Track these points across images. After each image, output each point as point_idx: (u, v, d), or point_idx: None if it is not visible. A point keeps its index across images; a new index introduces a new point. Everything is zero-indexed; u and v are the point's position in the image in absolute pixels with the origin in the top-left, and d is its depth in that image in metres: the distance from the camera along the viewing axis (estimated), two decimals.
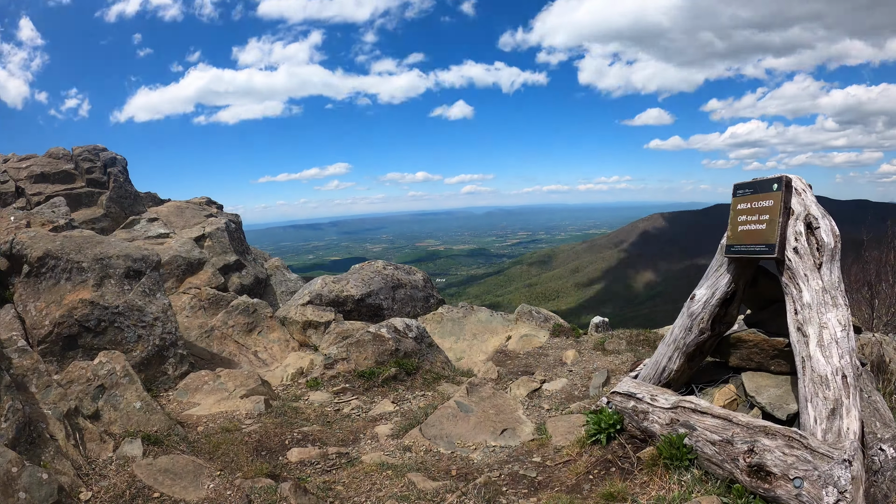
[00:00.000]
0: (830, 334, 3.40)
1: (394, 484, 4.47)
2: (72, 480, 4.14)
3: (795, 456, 3.07)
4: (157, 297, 7.93)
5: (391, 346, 8.22)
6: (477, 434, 5.63)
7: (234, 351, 9.44)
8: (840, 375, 3.25)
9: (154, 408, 5.58)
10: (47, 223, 9.46)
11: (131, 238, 12.41)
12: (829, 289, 3.54)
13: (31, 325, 7.00)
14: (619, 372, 7.71)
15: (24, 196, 12.66)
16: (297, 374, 8.29)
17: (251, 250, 15.77)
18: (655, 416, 4.06)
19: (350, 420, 6.49)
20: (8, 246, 7.67)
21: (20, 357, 5.22)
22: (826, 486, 2.87)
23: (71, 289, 7.42)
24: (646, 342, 9.39)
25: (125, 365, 5.88)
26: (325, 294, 11.42)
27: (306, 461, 5.17)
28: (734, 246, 4.14)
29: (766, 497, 3.15)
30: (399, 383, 7.66)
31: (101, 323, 7.26)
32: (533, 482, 4.19)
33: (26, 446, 4.13)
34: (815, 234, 3.71)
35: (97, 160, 14.94)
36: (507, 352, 10.04)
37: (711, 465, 3.53)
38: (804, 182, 3.90)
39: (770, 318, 4.31)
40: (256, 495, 4.12)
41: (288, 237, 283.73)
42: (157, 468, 4.50)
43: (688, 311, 4.41)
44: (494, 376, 8.10)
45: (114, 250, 8.06)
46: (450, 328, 11.39)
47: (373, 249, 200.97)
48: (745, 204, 4.10)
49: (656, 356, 4.67)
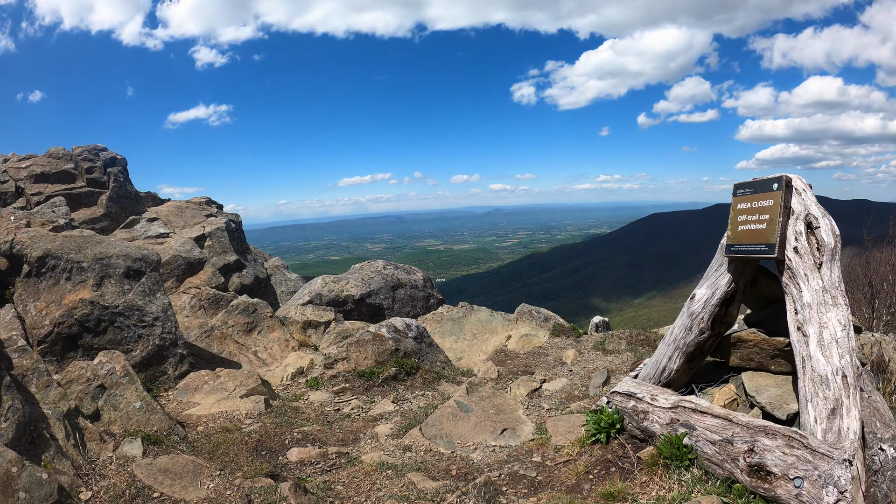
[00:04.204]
0: (830, 334, 3.39)
1: (394, 484, 4.47)
2: (72, 480, 4.14)
3: (795, 456, 3.07)
4: (157, 297, 7.93)
5: (391, 346, 8.22)
6: (477, 434, 5.63)
7: (234, 351, 9.44)
8: (840, 375, 3.25)
9: (154, 408, 5.58)
10: (47, 223, 9.47)
11: (131, 238, 12.42)
12: (829, 288, 3.54)
13: (31, 325, 7.01)
14: (619, 372, 7.72)
15: (24, 196, 12.68)
16: (297, 373, 8.29)
17: (251, 250, 15.79)
18: (655, 415, 4.05)
19: (350, 420, 6.50)
20: (8, 246, 7.67)
21: (20, 357, 5.23)
22: (826, 486, 2.87)
23: (71, 289, 7.42)
24: (646, 342, 9.39)
25: (125, 365, 5.89)
26: (325, 294, 11.43)
27: (306, 461, 5.17)
28: (734, 246, 4.14)
29: (766, 497, 3.15)
30: (399, 383, 7.67)
31: (101, 323, 7.27)
32: (533, 482, 4.19)
33: (26, 446, 4.14)
34: (815, 233, 3.71)
35: (97, 160, 14.97)
36: (507, 351, 10.04)
37: (711, 464, 3.53)
38: (804, 182, 3.90)
39: (770, 318, 4.31)
40: (256, 495, 4.13)
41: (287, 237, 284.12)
42: (156, 468, 4.50)
43: (688, 310, 4.41)
44: (494, 376, 8.11)
45: (114, 250, 8.07)
46: (450, 328, 11.40)
47: (373, 249, 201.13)
48: (746, 203, 4.10)
49: (656, 356, 4.68)
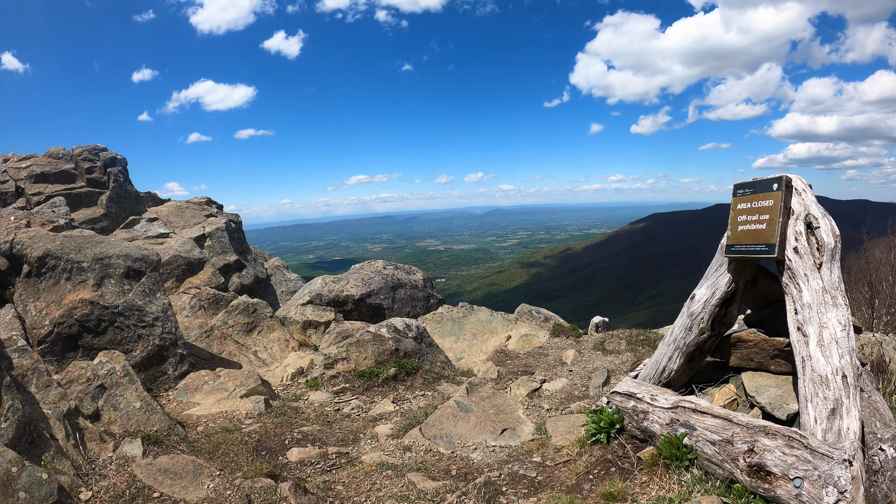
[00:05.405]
0: (830, 334, 3.39)
1: (394, 484, 4.47)
2: (72, 480, 4.14)
3: (795, 456, 3.07)
4: (157, 297, 7.93)
5: (391, 346, 8.22)
6: (477, 434, 5.63)
7: (234, 351, 9.44)
8: (840, 375, 3.25)
9: (154, 408, 5.58)
10: (47, 223, 9.46)
11: (131, 238, 12.43)
12: (829, 289, 3.54)
13: (31, 325, 7.01)
14: (619, 372, 7.72)
15: (24, 196, 12.69)
16: (297, 373, 8.29)
17: (251, 250, 15.79)
18: (655, 415, 4.05)
19: (350, 420, 6.50)
20: (8, 246, 7.67)
21: (20, 357, 5.23)
22: (826, 486, 2.87)
23: (71, 289, 7.42)
24: (646, 342, 9.39)
25: (125, 365, 5.89)
26: (325, 294, 11.43)
27: (306, 461, 5.17)
28: (734, 246, 4.14)
29: (766, 497, 3.14)
30: (399, 383, 7.67)
31: (101, 323, 7.27)
32: (533, 482, 4.19)
33: (26, 446, 4.14)
34: (815, 233, 3.71)
35: (97, 160, 14.97)
36: (507, 352, 10.04)
37: (711, 464, 3.53)
38: (804, 182, 3.90)
39: (770, 318, 4.31)
40: (256, 495, 4.13)
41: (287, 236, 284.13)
42: (156, 468, 4.50)
43: (688, 310, 4.41)
44: (494, 376, 8.11)
45: (114, 250, 8.07)
46: (450, 328, 11.40)
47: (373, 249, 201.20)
48: (746, 204, 4.10)
49: (656, 356, 4.68)
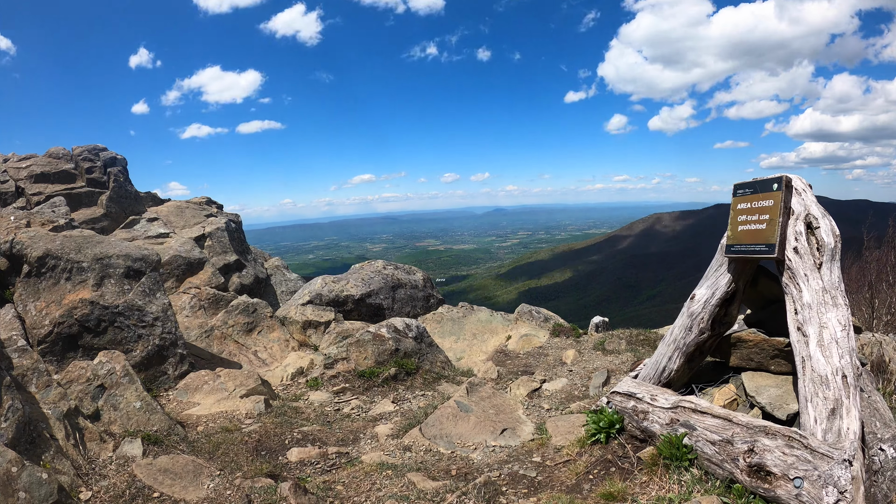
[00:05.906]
0: (830, 334, 3.39)
1: (394, 484, 4.46)
2: (72, 480, 4.14)
3: (795, 456, 3.07)
4: (157, 297, 7.93)
5: (391, 346, 8.22)
6: (477, 434, 5.63)
7: (234, 351, 9.45)
8: (840, 375, 3.25)
9: (154, 408, 5.58)
10: (47, 223, 9.46)
11: (131, 238, 12.43)
12: (829, 289, 3.54)
13: (31, 325, 7.01)
14: (619, 372, 7.72)
15: (24, 196, 12.68)
16: (297, 373, 8.29)
17: (251, 250, 15.79)
18: (655, 415, 4.05)
19: (350, 420, 6.50)
20: (8, 246, 7.67)
21: (20, 357, 5.23)
22: (826, 486, 2.87)
23: (71, 288, 7.42)
24: (646, 342, 9.39)
25: (125, 365, 5.89)
26: (325, 294, 11.43)
27: (306, 461, 5.17)
28: (734, 246, 4.14)
29: (766, 497, 3.14)
30: (399, 383, 7.67)
31: (101, 323, 7.27)
32: (533, 482, 4.19)
33: (26, 446, 4.13)
34: (815, 233, 3.71)
35: (97, 160, 14.96)
36: (507, 351, 10.05)
37: (711, 464, 3.53)
38: (804, 182, 3.89)
39: (770, 318, 4.31)
40: (256, 495, 4.13)
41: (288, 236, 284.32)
42: (156, 468, 4.50)
43: (688, 310, 4.41)
44: (494, 376, 8.11)
45: (114, 250, 8.07)
46: (450, 328, 11.40)
47: (373, 249, 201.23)
48: (746, 204, 4.10)
49: (656, 356, 4.67)
